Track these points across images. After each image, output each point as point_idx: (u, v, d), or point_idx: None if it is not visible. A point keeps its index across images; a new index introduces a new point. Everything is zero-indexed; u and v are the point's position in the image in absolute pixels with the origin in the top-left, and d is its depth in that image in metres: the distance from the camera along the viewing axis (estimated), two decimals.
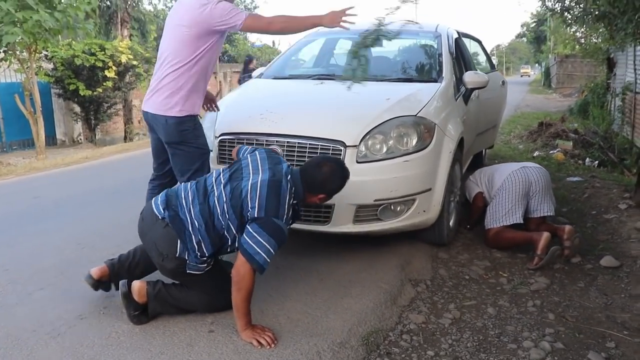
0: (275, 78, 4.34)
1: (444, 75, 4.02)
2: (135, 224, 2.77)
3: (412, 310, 2.92)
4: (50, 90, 13.57)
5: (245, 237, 2.43)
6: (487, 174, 4.21)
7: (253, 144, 3.19)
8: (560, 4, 11.34)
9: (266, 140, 3.20)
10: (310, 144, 3.12)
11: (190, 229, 2.52)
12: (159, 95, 3.01)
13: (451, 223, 3.88)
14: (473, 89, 4.32)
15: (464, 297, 3.15)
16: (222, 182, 2.59)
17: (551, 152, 8.09)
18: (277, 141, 3.17)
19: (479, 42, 6.15)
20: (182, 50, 2.95)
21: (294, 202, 2.61)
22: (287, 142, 3.16)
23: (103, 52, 13.00)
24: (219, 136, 3.39)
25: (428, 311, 2.94)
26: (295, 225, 3.24)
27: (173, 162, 3.08)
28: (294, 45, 4.89)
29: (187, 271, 2.57)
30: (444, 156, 3.43)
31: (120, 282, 2.64)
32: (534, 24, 40.09)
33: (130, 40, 16.69)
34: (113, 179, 6.83)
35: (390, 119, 3.24)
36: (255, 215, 2.43)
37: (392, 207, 3.23)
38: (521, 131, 10.43)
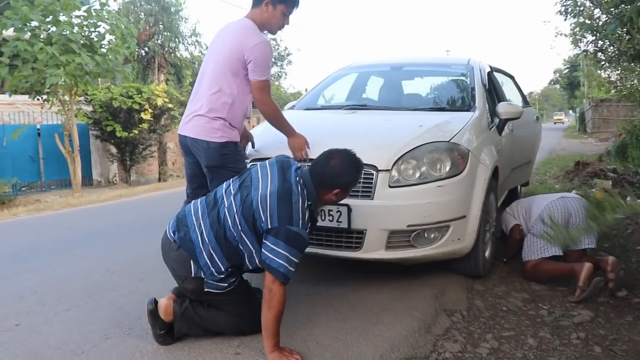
0: (307, 109, 4.36)
1: (477, 105, 3.96)
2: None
3: (448, 339, 2.78)
4: (89, 132, 14.02)
5: (264, 251, 2.38)
6: (524, 206, 4.08)
7: None
8: (593, 45, 11.31)
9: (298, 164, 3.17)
10: None
11: (201, 245, 2.48)
12: (199, 120, 3.01)
13: (487, 254, 3.74)
14: (507, 120, 4.24)
15: (502, 327, 2.99)
16: (232, 192, 2.55)
17: (589, 191, 7.85)
18: (308, 167, 3.14)
19: (512, 77, 6.10)
20: (225, 77, 2.97)
21: (309, 203, 2.52)
22: None
23: (140, 95, 13.43)
24: (250, 162, 3.38)
25: (464, 340, 2.79)
26: (327, 252, 3.20)
27: (212, 186, 3.06)
28: (327, 79, 4.93)
29: (206, 289, 2.51)
30: (478, 183, 3.34)
31: (147, 300, 2.60)
32: (567, 69, 39.95)
33: (167, 84, 17.25)
34: (145, 213, 6.90)
35: (423, 144, 3.17)
36: (270, 226, 2.38)
37: (425, 233, 3.14)
38: (557, 172, 10.20)
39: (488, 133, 3.87)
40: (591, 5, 10.24)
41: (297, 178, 2.53)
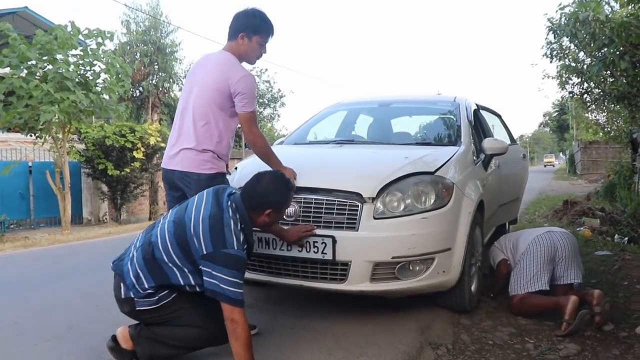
0: (295, 144, 4.42)
1: (462, 140, 4.03)
2: None
3: None
4: (80, 170, 14.01)
5: (206, 278, 2.40)
6: (511, 240, 4.11)
7: None
8: (579, 87, 11.55)
9: None
10: (327, 199, 3.10)
11: (129, 265, 2.54)
12: (188, 153, 3.02)
13: (473, 288, 3.73)
14: (492, 155, 4.31)
15: None
16: (168, 216, 2.62)
17: (578, 229, 7.89)
18: (294, 197, 3.17)
19: (499, 116, 6.22)
20: (212, 110, 3.01)
21: (242, 226, 2.55)
22: (304, 198, 3.15)
23: (133, 134, 13.50)
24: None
25: None
26: (311, 284, 3.20)
27: None
28: (315, 116, 5.01)
29: (137, 308, 2.54)
30: (463, 216, 3.37)
31: (107, 339, 2.64)
32: (556, 112, 40.65)
33: (160, 124, 17.36)
34: None
35: (408, 175, 3.22)
36: (204, 252, 2.41)
37: (410, 265, 3.14)
38: (546, 211, 10.28)
39: (473, 167, 3.93)
40: (576, 48, 10.51)
41: (229, 202, 2.57)
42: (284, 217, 3.15)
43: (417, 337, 3.16)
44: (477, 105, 5.22)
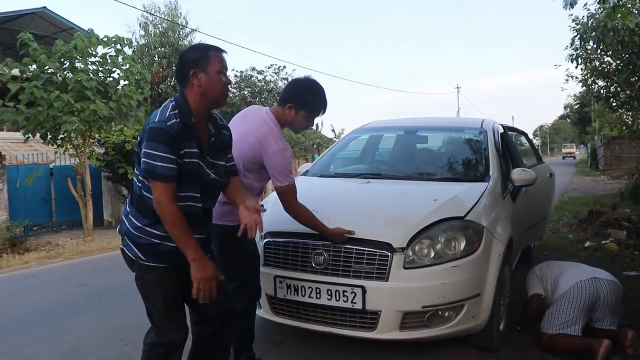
0: (321, 176, 4.38)
1: (491, 173, 3.97)
2: None
3: None
4: (101, 174, 14.13)
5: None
6: (553, 272, 3.99)
7: (299, 247, 3.18)
8: (605, 90, 11.35)
9: (312, 244, 3.18)
10: (357, 249, 3.07)
11: (125, 218, 2.45)
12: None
13: (501, 327, 3.68)
14: (521, 187, 4.24)
15: None
16: None
17: (603, 242, 7.77)
18: (323, 245, 3.15)
19: (525, 134, 6.13)
20: (242, 171, 2.91)
21: (176, 112, 2.32)
22: (334, 247, 3.12)
23: None
24: (265, 236, 3.39)
25: None
26: (341, 331, 3.18)
27: (225, 268, 3.03)
28: (339, 142, 4.97)
29: (145, 263, 2.40)
30: (493, 260, 3.32)
31: None
32: (577, 105, 39.88)
33: None
34: None
35: (438, 222, 3.17)
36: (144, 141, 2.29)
37: (440, 312, 3.11)
38: (570, 219, 10.12)
39: (502, 204, 3.87)
40: (602, 52, 10.31)
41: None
42: (314, 265, 3.14)
43: None
44: (503, 127, 5.14)
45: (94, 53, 10.76)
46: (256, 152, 2.92)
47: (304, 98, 3.05)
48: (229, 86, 2.53)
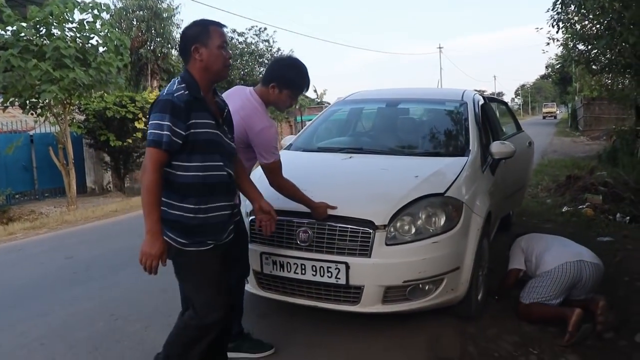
0: (304, 150, 4.44)
1: (470, 147, 4.06)
2: (164, 292, 3.14)
3: None
4: (82, 141, 14.00)
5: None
6: (539, 248, 4.11)
7: (284, 225, 3.27)
8: (586, 54, 11.43)
9: (297, 222, 3.27)
10: (340, 226, 3.18)
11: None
12: None
13: (479, 297, 3.85)
14: (500, 159, 4.35)
15: None
16: None
17: (580, 207, 7.99)
18: (307, 222, 3.24)
19: (506, 104, 6.22)
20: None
21: (184, 85, 2.44)
22: (317, 224, 3.22)
23: (133, 104, 13.42)
24: (250, 213, 3.46)
25: None
26: (325, 305, 3.31)
27: None
28: (323, 114, 5.01)
29: (183, 248, 2.51)
30: (471, 234, 3.44)
31: None
32: (559, 65, 39.92)
33: (160, 90, 17.22)
34: (141, 238, 6.92)
35: (419, 199, 3.27)
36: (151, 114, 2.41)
37: (420, 286, 3.24)
38: (548, 183, 10.34)
39: (481, 177, 3.97)
40: (582, 16, 10.35)
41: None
42: (299, 242, 3.24)
43: (427, 353, 3.29)
44: (484, 98, 5.22)
45: (70, 19, 10.52)
46: (242, 131, 2.96)
47: (287, 77, 3.09)
48: (229, 60, 2.61)
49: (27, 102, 10.34)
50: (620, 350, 3.47)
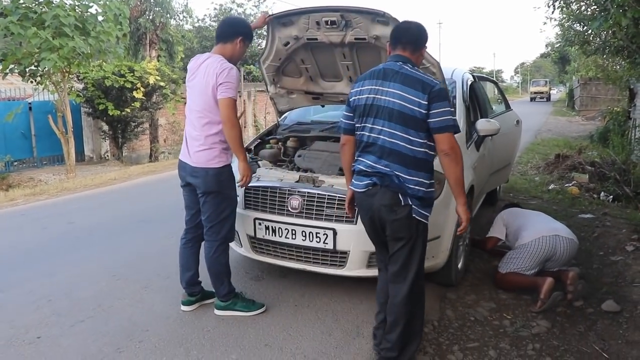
0: (299, 123, 4.65)
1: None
2: (163, 255, 3.34)
3: (419, 352, 3.13)
4: (80, 109, 14.10)
5: (435, 119, 2.63)
6: (518, 222, 4.39)
7: (276, 192, 3.49)
8: (579, 37, 11.54)
9: (288, 189, 3.50)
10: (328, 194, 3.40)
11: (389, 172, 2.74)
12: (197, 149, 3.27)
13: (459, 266, 4.10)
14: (485, 136, 4.55)
15: (468, 338, 3.36)
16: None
17: (566, 185, 8.24)
18: (298, 191, 3.46)
19: (496, 83, 6.40)
20: (210, 108, 3.23)
21: None
22: (308, 192, 3.45)
23: (132, 74, 13.49)
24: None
25: (433, 352, 3.16)
26: (314, 268, 3.56)
27: (204, 209, 3.34)
28: None
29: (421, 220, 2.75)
30: (452, 206, 3.63)
31: None
32: (559, 44, 39.73)
33: (158, 60, 17.24)
34: (140, 205, 7.20)
35: None
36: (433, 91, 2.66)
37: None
38: (538, 161, 10.58)
39: (466, 153, 4.17)
40: None
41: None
42: (290, 209, 3.47)
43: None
44: (473, 76, 5.40)
45: None
46: (213, 82, 3.18)
47: (250, 30, 3.41)
48: None
49: (27, 70, 10.41)
50: (587, 317, 3.73)
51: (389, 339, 2.84)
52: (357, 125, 2.81)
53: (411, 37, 2.83)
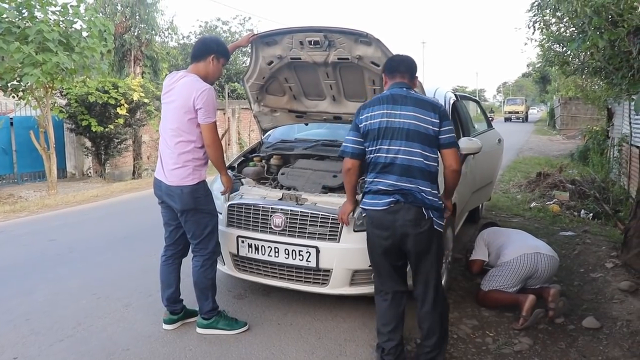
0: (282, 141, 4.66)
1: None
2: (145, 274, 3.04)
3: None
4: (63, 125, 13.99)
5: (446, 136, 2.94)
6: (500, 241, 4.43)
7: (259, 210, 3.50)
8: (558, 58, 11.76)
9: (271, 207, 3.50)
10: (311, 212, 3.41)
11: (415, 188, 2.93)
12: (172, 168, 3.27)
13: (442, 283, 4.10)
14: (467, 155, 4.61)
15: (451, 356, 3.36)
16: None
17: (548, 203, 8.34)
18: (281, 208, 3.47)
19: (478, 102, 6.49)
20: (184, 126, 3.23)
21: None
22: (291, 210, 3.45)
23: (116, 90, 13.44)
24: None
25: None
26: (296, 286, 3.56)
27: (186, 228, 3.34)
28: None
29: (437, 228, 2.95)
30: None
31: None
32: (539, 64, 40.39)
33: (143, 77, 17.19)
34: (122, 222, 7.14)
35: None
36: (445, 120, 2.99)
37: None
38: (520, 179, 10.71)
39: None
40: (557, 20, 10.65)
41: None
42: (272, 226, 3.47)
43: None
44: (456, 95, 5.48)
45: (53, 2, 10.52)
46: (188, 101, 3.19)
47: (224, 48, 3.42)
48: None
49: (8, 84, 10.33)
50: (568, 333, 3.77)
51: (427, 344, 3.06)
52: (370, 148, 2.96)
53: (407, 66, 3.12)
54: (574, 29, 10.06)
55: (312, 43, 3.71)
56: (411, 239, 2.88)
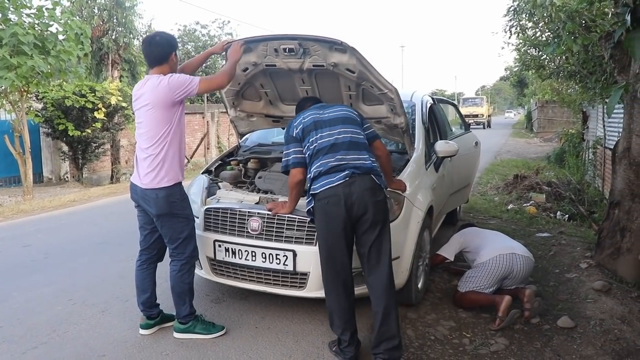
0: (260, 145, 4.66)
1: (415, 146, 4.34)
2: (121, 279, 3.00)
3: None
4: (39, 129, 13.78)
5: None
6: (476, 242, 4.48)
7: (236, 214, 3.49)
8: (535, 62, 11.94)
9: (248, 211, 3.50)
10: (288, 216, 3.41)
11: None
12: (146, 171, 3.24)
13: (419, 285, 4.14)
14: (444, 157, 4.66)
15: (428, 357, 3.39)
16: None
17: (524, 204, 8.45)
18: (258, 212, 3.47)
19: (455, 106, 6.56)
20: (156, 128, 3.21)
21: None
22: (267, 214, 3.45)
23: (93, 94, 13.30)
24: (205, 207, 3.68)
25: None
26: (273, 290, 3.55)
27: (163, 232, 3.32)
28: None
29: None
30: (412, 226, 3.72)
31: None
32: (516, 68, 40.94)
33: (120, 81, 17.03)
34: (99, 227, 7.05)
35: None
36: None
37: (362, 274, 3.49)
38: (498, 182, 10.83)
39: (425, 174, 4.27)
40: (533, 25, 10.82)
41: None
42: (249, 230, 3.47)
43: (368, 335, 3.56)
44: (433, 99, 5.53)
45: (28, 5, 10.37)
46: (165, 98, 3.16)
47: (174, 39, 3.41)
48: None
49: None
50: (543, 333, 3.82)
51: (389, 326, 3.08)
52: (310, 139, 3.20)
53: None
54: (549, 33, 10.27)
55: (287, 50, 3.71)
56: (371, 208, 3.02)
